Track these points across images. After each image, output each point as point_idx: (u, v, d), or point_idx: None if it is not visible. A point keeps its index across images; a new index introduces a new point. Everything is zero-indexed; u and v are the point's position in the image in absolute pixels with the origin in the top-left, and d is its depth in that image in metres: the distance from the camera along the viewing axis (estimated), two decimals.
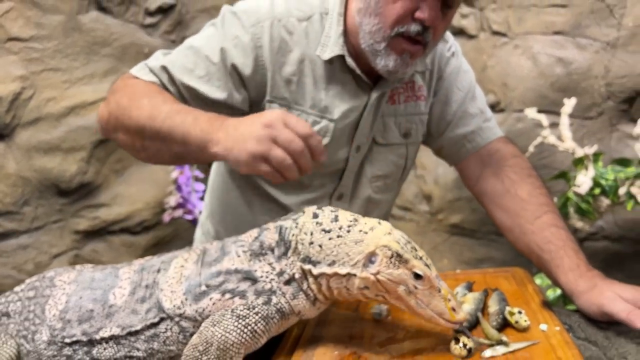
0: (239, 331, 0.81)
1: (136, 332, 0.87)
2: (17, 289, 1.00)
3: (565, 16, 2.16)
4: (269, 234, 0.88)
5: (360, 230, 0.83)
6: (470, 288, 1.05)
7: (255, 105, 1.14)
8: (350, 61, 1.11)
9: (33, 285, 0.98)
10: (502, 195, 1.12)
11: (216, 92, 1.09)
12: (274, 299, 0.84)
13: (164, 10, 2.56)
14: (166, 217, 2.33)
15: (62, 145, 2.21)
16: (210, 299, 0.86)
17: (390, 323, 0.95)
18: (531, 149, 2.02)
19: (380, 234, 0.82)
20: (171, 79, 1.09)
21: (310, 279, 0.85)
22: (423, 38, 1.01)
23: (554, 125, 2.05)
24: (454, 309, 0.81)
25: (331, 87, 1.13)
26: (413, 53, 1.04)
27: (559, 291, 1.67)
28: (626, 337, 0.87)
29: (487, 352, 0.81)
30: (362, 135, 1.18)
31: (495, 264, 2.28)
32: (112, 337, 0.88)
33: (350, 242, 0.82)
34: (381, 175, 1.25)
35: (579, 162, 1.89)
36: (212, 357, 0.81)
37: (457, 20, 2.33)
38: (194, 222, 2.33)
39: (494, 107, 2.30)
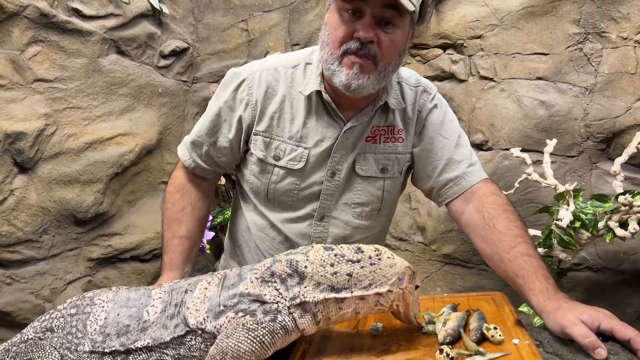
0: (249, 341, 0.95)
1: (165, 343, 1.01)
2: (59, 307, 1.13)
3: (547, 63, 2.31)
4: (280, 266, 1.03)
5: (389, 257, 1.03)
6: (455, 309, 1.18)
7: (247, 138, 1.41)
8: (326, 96, 1.33)
9: (75, 304, 1.11)
10: (482, 227, 1.26)
11: (222, 140, 1.42)
12: (279, 317, 0.99)
13: (177, 53, 2.73)
14: None
15: (81, 177, 2.33)
16: (226, 317, 1.00)
17: (386, 337, 1.09)
18: (516, 184, 2.14)
19: (400, 258, 1.04)
20: (198, 147, 1.45)
21: (331, 304, 1.00)
22: (365, 52, 1.21)
23: (537, 163, 2.18)
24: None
25: (309, 119, 1.36)
26: (362, 65, 1.22)
27: None
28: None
29: None
30: (335, 162, 1.37)
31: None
32: (146, 347, 1.02)
33: (385, 266, 1.02)
34: (359, 203, 1.42)
35: (561, 198, 1.97)
36: None
37: (448, 66, 2.50)
38: (202, 251, 2.44)
39: (482, 146, 2.42)
